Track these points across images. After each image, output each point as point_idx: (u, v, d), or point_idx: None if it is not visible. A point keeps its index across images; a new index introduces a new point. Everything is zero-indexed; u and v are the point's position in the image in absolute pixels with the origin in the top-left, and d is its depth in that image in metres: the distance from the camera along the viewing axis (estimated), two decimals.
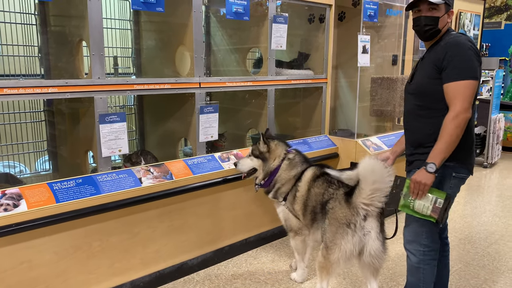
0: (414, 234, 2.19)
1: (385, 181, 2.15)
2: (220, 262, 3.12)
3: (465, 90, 1.95)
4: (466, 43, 1.99)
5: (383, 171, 2.14)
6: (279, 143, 2.79)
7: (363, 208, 2.23)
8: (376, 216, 2.26)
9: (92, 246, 2.45)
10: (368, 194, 2.19)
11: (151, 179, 2.61)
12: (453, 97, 1.97)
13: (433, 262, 2.20)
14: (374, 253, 2.26)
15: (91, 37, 2.41)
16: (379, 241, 2.27)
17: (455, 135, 1.95)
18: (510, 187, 5.18)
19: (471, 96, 1.96)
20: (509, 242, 3.58)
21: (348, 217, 2.27)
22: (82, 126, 2.84)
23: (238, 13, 3.04)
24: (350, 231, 2.26)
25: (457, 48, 1.99)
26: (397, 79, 4.10)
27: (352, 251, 2.26)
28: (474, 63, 1.97)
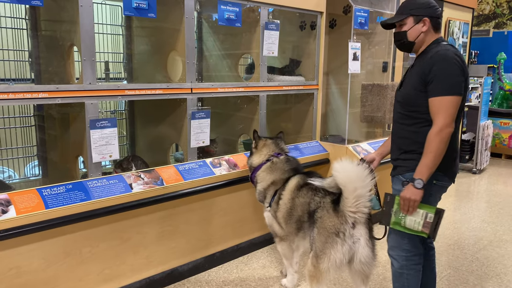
0: (397, 240, 2.22)
1: (365, 185, 2.17)
2: (210, 269, 3.11)
3: (448, 105, 1.99)
4: (452, 57, 2.02)
5: (361, 176, 2.15)
6: (268, 144, 2.84)
7: (351, 216, 2.23)
8: (364, 223, 2.27)
9: (81, 253, 2.43)
10: (353, 202, 2.20)
11: (141, 185, 2.60)
12: (437, 112, 2.01)
13: (417, 267, 2.22)
14: (364, 260, 2.26)
15: (82, 42, 2.40)
16: (369, 247, 2.27)
17: (440, 150, 2.00)
18: (498, 193, 5.24)
19: (455, 112, 2.01)
20: (497, 247, 3.62)
21: (337, 226, 2.26)
22: (73, 131, 2.83)
23: (230, 19, 3.05)
24: (339, 240, 2.25)
25: (443, 62, 2.02)
26: (387, 86, 4.14)
27: (342, 259, 2.26)
28: (459, 78, 2.00)
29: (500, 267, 3.26)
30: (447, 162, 2.10)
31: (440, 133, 1.99)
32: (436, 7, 2.15)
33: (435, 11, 2.14)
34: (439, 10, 2.16)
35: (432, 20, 2.14)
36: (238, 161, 3.17)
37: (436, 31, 2.16)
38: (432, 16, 2.13)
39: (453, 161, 2.17)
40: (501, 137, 7.02)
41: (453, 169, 2.17)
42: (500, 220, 4.29)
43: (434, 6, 2.15)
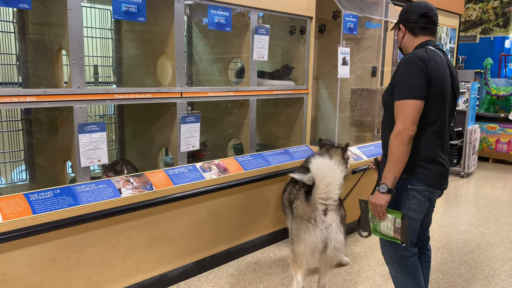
0: (386, 244, 2.23)
1: (335, 174, 2.37)
2: (200, 274, 3.10)
3: (406, 109, 1.98)
4: (413, 60, 2.01)
5: (331, 166, 2.38)
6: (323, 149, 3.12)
7: (322, 203, 2.42)
8: (335, 210, 2.46)
9: (69, 258, 2.40)
10: (323, 189, 2.38)
11: (130, 190, 2.58)
12: (397, 116, 2.02)
13: (410, 270, 2.21)
14: (337, 245, 2.45)
15: (71, 46, 2.38)
16: (341, 233, 2.46)
17: (400, 153, 1.99)
18: (485, 196, 5.30)
19: (414, 115, 1.97)
20: (485, 250, 3.66)
21: (308, 213, 2.48)
22: (61, 136, 2.80)
23: (220, 23, 3.05)
24: (311, 225, 2.46)
25: (403, 66, 2.05)
26: (376, 90, 4.17)
27: (316, 243, 2.44)
28: (417, 81, 1.97)
29: (488, 270, 3.29)
30: (419, 167, 2.08)
31: (398, 136, 1.98)
32: (413, 11, 2.16)
33: (410, 16, 2.16)
34: (419, 13, 2.14)
35: (407, 26, 2.18)
36: (228, 165, 3.16)
37: (415, 35, 2.17)
38: (406, 22, 2.18)
39: (427, 166, 2.09)
40: (488, 141, 7.12)
41: (429, 175, 2.09)
42: (487, 223, 4.34)
43: (411, 11, 2.16)
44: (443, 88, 2.04)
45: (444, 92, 2.05)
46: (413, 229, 2.17)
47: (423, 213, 2.20)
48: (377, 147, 4.06)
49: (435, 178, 2.12)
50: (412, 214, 2.13)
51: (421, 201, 2.13)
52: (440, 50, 2.14)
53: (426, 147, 2.08)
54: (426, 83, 1.99)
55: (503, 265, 3.37)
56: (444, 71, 2.05)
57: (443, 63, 2.06)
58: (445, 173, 2.16)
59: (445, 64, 2.08)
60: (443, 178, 2.16)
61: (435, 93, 2.02)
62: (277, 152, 3.59)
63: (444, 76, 2.04)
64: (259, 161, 3.38)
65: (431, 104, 2.03)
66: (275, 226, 3.64)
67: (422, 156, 2.08)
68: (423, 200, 2.14)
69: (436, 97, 2.03)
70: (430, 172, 2.10)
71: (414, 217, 2.15)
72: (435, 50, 2.09)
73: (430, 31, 2.17)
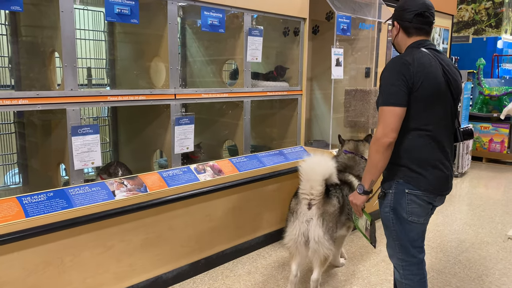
0: (391, 248, 2.21)
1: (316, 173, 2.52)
2: (195, 276, 3.09)
3: (385, 116, 1.96)
4: (393, 66, 1.98)
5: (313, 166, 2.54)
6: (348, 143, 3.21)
7: (305, 197, 2.56)
8: (317, 205, 2.56)
9: (63, 262, 2.39)
10: (304, 184, 2.55)
11: (124, 192, 2.57)
12: (378, 122, 2.01)
13: (415, 277, 2.15)
14: (317, 239, 2.54)
15: (63, 48, 2.37)
16: (319, 227, 2.55)
17: (375, 159, 2.01)
18: (479, 196, 5.33)
19: (392, 122, 1.94)
20: (479, 249, 3.68)
21: (293, 207, 2.66)
22: (54, 138, 2.79)
23: (213, 25, 3.06)
24: (292, 217, 2.63)
25: (386, 71, 2.02)
26: (370, 91, 4.19)
27: (295, 235, 2.58)
28: (396, 88, 1.94)
29: (482, 269, 3.31)
30: (412, 172, 2.04)
31: (375, 143, 1.98)
32: (409, 10, 2.06)
33: (405, 14, 2.07)
34: (415, 12, 2.04)
35: (401, 24, 2.11)
36: (222, 167, 3.16)
37: (409, 35, 2.10)
38: (401, 20, 2.10)
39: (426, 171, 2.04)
40: (481, 141, 7.16)
41: (428, 180, 2.04)
42: (481, 222, 4.36)
43: (407, 9, 2.07)
44: (432, 91, 1.97)
45: (434, 94, 1.98)
46: (418, 233, 2.13)
47: (426, 216, 2.13)
48: None
49: (431, 183, 2.05)
50: (414, 219, 2.08)
51: (420, 205, 2.07)
52: (434, 51, 2.07)
53: (420, 151, 2.03)
54: (407, 89, 1.94)
55: (496, 264, 3.39)
56: (432, 72, 1.98)
57: (432, 64, 1.99)
58: (444, 177, 2.07)
59: (436, 65, 2.00)
60: (442, 183, 2.08)
61: (421, 96, 1.96)
62: (271, 153, 3.59)
63: (433, 78, 1.97)
64: (253, 162, 3.38)
65: (420, 108, 1.98)
66: (270, 227, 3.65)
67: (417, 161, 2.04)
68: (423, 204, 2.08)
69: (424, 100, 1.97)
70: (424, 177, 2.04)
71: (417, 221, 2.09)
72: (425, 51, 2.03)
73: (425, 31, 2.09)
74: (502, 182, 6.06)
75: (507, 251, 3.64)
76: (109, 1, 2.50)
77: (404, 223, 2.09)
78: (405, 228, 2.10)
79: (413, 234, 2.11)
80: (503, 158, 7.10)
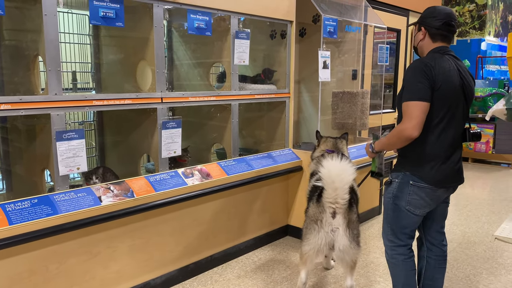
0: (384, 230, 2.45)
1: (341, 179, 2.38)
2: (184, 281, 3.06)
3: (411, 110, 2.13)
4: (418, 66, 2.17)
5: (340, 171, 2.39)
6: (327, 142, 3.13)
7: (330, 206, 2.45)
8: (343, 214, 2.48)
9: (48, 269, 2.34)
10: (330, 193, 2.42)
11: (111, 198, 2.53)
12: (403, 116, 2.18)
13: (400, 257, 2.38)
14: (343, 248, 2.48)
15: (47, 52, 2.33)
16: (346, 237, 2.48)
17: (393, 141, 2.26)
18: (466, 196, 5.40)
19: (419, 115, 2.12)
20: (466, 249, 3.71)
21: (317, 215, 2.54)
22: (39, 144, 2.74)
23: (200, 28, 3.04)
24: (316, 226, 2.52)
25: (409, 71, 2.22)
26: (357, 93, 4.21)
27: (320, 244, 2.50)
28: (422, 85, 2.13)
29: (469, 268, 3.34)
30: (418, 166, 2.25)
31: (400, 132, 2.17)
32: (438, 18, 2.24)
33: (434, 22, 2.24)
34: (443, 21, 2.23)
35: (429, 30, 2.28)
36: (211, 170, 3.14)
37: (434, 41, 2.28)
38: (429, 26, 2.27)
39: (424, 166, 2.24)
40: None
41: (427, 173, 2.24)
42: (468, 222, 4.41)
43: (436, 17, 2.25)
44: (448, 93, 2.16)
45: (448, 96, 2.17)
46: (409, 223, 2.33)
47: (424, 209, 2.31)
48: (359, 150, 4.09)
49: (437, 177, 2.24)
50: (411, 209, 2.28)
51: (421, 197, 2.26)
52: (454, 57, 2.25)
53: (430, 147, 2.22)
54: (431, 87, 2.13)
55: (484, 264, 3.43)
56: (451, 76, 2.17)
57: (451, 69, 2.18)
58: (450, 171, 2.26)
59: (454, 70, 2.19)
60: (449, 176, 2.27)
61: (439, 96, 2.15)
62: (260, 156, 3.58)
63: (451, 82, 2.16)
64: (242, 165, 3.37)
65: (435, 107, 2.17)
66: (259, 231, 3.63)
67: (426, 155, 2.23)
68: (424, 196, 2.26)
69: (440, 100, 2.16)
70: (432, 170, 2.23)
71: (413, 212, 2.29)
72: (445, 57, 2.22)
73: (448, 39, 2.29)
74: (488, 182, 6.14)
75: (493, 251, 3.68)
76: (94, 4, 2.46)
77: (400, 211, 2.31)
78: (399, 216, 2.33)
79: (405, 222, 2.33)
80: (488, 158, 7.20)
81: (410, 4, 5.48)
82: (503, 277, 3.20)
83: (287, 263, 3.37)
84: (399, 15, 5.32)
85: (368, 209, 4.39)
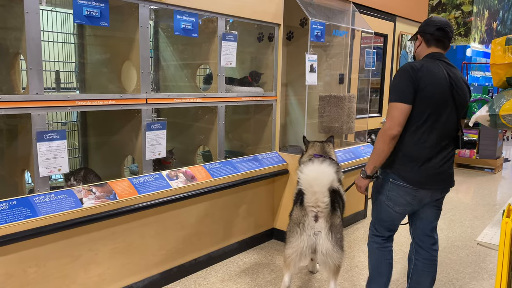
0: (372, 218, 2.60)
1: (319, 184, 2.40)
2: (167, 284, 3.02)
3: (393, 111, 2.25)
4: (405, 68, 2.27)
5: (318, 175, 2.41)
6: (315, 146, 3.13)
7: (312, 210, 2.47)
8: (325, 217, 2.49)
9: (27, 273, 2.28)
10: (310, 197, 2.44)
11: (93, 200, 2.49)
12: (386, 117, 2.31)
13: (375, 245, 2.54)
14: (325, 251, 2.49)
15: (28, 51, 2.28)
16: (329, 240, 2.48)
17: (380, 149, 2.29)
18: (450, 200, 5.45)
19: (399, 117, 2.23)
20: (449, 253, 3.74)
21: (300, 218, 2.54)
22: (19, 144, 2.67)
23: (186, 29, 3.01)
24: (299, 230, 2.52)
25: (396, 74, 2.32)
26: (344, 97, 4.22)
27: (302, 247, 2.50)
28: (405, 88, 2.22)
29: (452, 272, 3.37)
30: (400, 165, 2.34)
31: (382, 135, 2.27)
32: (432, 24, 2.35)
33: (428, 28, 2.36)
34: (437, 26, 2.33)
35: (424, 36, 2.39)
36: (196, 173, 3.11)
37: (428, 45, 2.38)
38: (424, 32, 2.38)
39: (407, 165, 2.32)
40: None
41: (408, 173, 2.32)
42: (452, 226, 4.45)
43: (430, 24, 2.36)
44: (433, 95, 2.23)
45: (433, 98, 2.24)
46: (388, 217, 2.46)
47: (404, 207, 2.40)
48: (345, 153, 4.10)
49: (416, 177, 2.31)
50: (390, 204, 2.41)
51: (401, 195, 2.37)
52: (446, 64, 2.32)
53: (411, 148, 2.30)
54: (414, 89, 2.21)
55: (466, 268, 3.46)
56: (438, 79, 2.24)
57: (440, 74, 2.25)
58: (432, 174, 2.31)
59: (443, 75, 2.26)
60: (430, 178, 2.32)
61: (423, 98, 2.23)
62: (246, 159, 3.56)
63: (437, 85, 2.23)
64: (228, 168, 3.34)
65: (419, 109, 2.24)
66: (244, 234, 3.61)
67: (407, 156, 2.31)
68: (403, 195, 2.36)
69: (424, 102, 2.23)
70: (412, 171, 2.31)
71: (392, 208, 2.41)
72: (436, 62, 2.30)
73: (442, 44, 2.37)
74: (471, 187, 6.21)
75: (476, 255, 3.71)
76: (78, 3, 2.42)
77: (380, 204, 2.47)
78: (379, 209, 2.48)
79: (384, 215, 2.47)
80: (472, 163, 7.29)
81: (397, 9, 5.53)
82: (485, 281, 3.23)
83: (271, 266, 3.35)
84: (386, 20, 5.37)
85: (354, 212, 4.40)
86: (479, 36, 10.91)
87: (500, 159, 7.38)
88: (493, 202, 5.39)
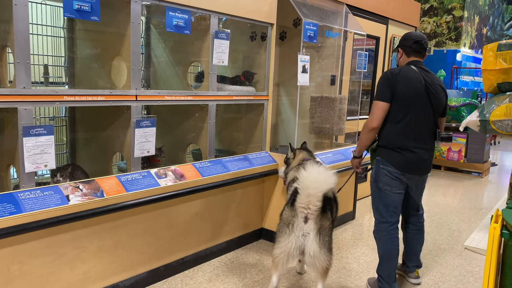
0: (373, 210, 2.94)
1: (316, 187, 2.43)
2: (154, 283, 2.99)
3: (374, 107, 2.77)
4: (386, 74, 2.77)
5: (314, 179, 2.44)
6: (302, 152, 3.26)
7: (302, 211, 2.48)
8: (315, 219, 2.50)
9: (10, 270, 2.24)
10: (303, 198, 2.46)
11: (79, 197, 2.45)
12: (370, 113, 2.80)
13: (382, 233, 2.87)
14: (313, 253, 2.49)
15: (16, 44, 2.23)
16: (316, 242, 2.49)
17: (364, 138, 2.85)
18: (437, 203, 5.49)
19: (378, 113, 2.74)
20: (436, 256, 3.77)
21: (289, 218, 2.56)
22: (5, 138, 2.62)
23: (178, 26, 2.98)
24: (288, 230, 2.54)
25: (381, 78, 2.81)
26: (335, 99, 4.22)
27: (290, 248, 2.52)
28: (383, 89, 2.73)
29: (438, 275, 3.39)
30: (389, 152, 2.79)
31: (365, 126, 2.81)
32: (410, 38, 2.86)
33: (407, 42, 2.87)
34: (413, 40, 2.84)
35: (404, 49, 2.91)
36: (185, 171, 3.08)
37: (408, 56, 2.89)
38: (404, 45, 2.91)
39: (395, 152, 2.76)
40: (440, 150, 7.40)
41: (397, 160, 2.76)
42: (439, 229, 4.48)
43: (408, 38, 2.88)
44: (409, 95, 2.71)
45: (409, 98, 2.71)
46: (391, 200, 2.82)
47: (398, 189, 2.81)
48: (335, 154, 4.10)
49: (402, 162, 2.76)
50: (387, 188, 2.80)
51: (392, 178, 2.79)
52: (423, 70, 2.78)
53: (395, 137, 2.76)
54: (391, 90, 2.71)
55: (452, 271, 3.48)
56: (413, 82, 2.72)
57: (415, 77, 2.73)
58: (416, 161, 2.77)
59: (418, 79, 2.72)
60: (413, 164, 2.78)
61: (400, 97, 2.71)
62: (236, 158, 3.54)
63: (412, 88, 2.71)
64: (217, 167, 3.32)
65: (398, 106, 2.73)
66: (232, 234, 3.59)
67: (392, 144, 2.77)
68: (394, 178, 2.78)
69: (402, 101, 2.72)
70: (397, 157, 2.76)
71: (390, 191, 2.80)
72: (413, 68, 2.77)
73: (420, 54, 2.89)
74: (459, 190, 6.27)
75: (462, 258, 3.74)
76: None
77: (380, 191, 2.84)
78: (381, 195, 2.84)
79: (386, 200, 2.83)
80: (460, 166, 7.36)
81: (390, 12, 5.55)
82: (471, 284, 3.25)
83: (259, 267, 3.34)
84: (378, 23, 5.39)
85: (343, 213, 4.41)
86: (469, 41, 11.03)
87: (488, 163, 7.47)
88: (480, 206, 5.45)
